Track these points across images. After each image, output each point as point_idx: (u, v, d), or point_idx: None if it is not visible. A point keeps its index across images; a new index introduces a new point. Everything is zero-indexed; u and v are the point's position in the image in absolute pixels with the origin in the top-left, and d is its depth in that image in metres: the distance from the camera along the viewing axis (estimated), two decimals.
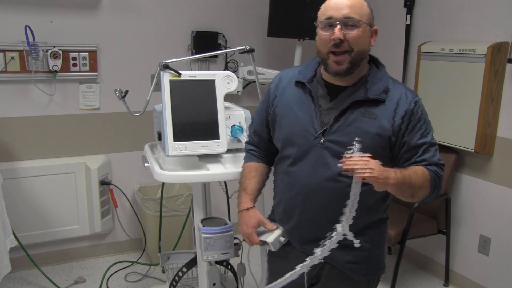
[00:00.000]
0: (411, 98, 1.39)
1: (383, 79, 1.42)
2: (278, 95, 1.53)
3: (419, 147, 1.38)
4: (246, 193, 1.60)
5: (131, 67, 3.03)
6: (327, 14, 1.36)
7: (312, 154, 1.40)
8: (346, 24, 1.33)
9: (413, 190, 1.32)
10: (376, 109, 1.37)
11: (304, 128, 1.42)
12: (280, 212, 1.55)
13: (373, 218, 1.48)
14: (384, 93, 1.39)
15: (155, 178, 1.82)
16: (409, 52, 3.04)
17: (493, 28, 2.53)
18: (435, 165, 1.39)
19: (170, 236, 2.92)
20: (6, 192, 2.54)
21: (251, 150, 1.68)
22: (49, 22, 2.78)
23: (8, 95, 2.76)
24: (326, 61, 1.38)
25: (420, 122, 1.38)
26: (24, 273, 2.89)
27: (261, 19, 3.24)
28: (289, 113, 1.47)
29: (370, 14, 1.39)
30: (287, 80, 1.53)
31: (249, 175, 1.62)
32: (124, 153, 3.12)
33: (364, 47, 1.38)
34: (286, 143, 1.48)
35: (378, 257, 1.53)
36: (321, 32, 1.38)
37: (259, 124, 1.63)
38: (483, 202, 2.70)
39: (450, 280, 2.93)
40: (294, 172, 1.45)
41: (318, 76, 1.48)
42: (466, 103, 2.59)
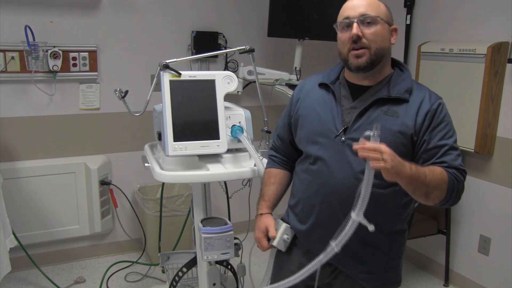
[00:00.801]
0: (435, 99, 1.38)
1: (407, 81, 1.42)
2: (301, 97, 1.55)
3: (439, 148, 1.35)
4: (263, 199, 1.62)
5: (131, 67, 3.03)
6: (344, 15, 1.39)
7: (333, 152, 1.40)
8: (364, 22, 1.35)
9: (427, 189, 1.27)
10: (399, 108, 1.36)
11: (326, 127, 1.43)
12: (298, 212, 1.53)
13: (392, 227, 1.44)
14: (407, 93, 1.38)
15: (155, 178, 1.82)
16: (409, 52, 3.04)
17: (493, 28, 2.53)
18: (456, 169, 1.34)
19: (170, 236, 2.92)
20: (6, 192, 2.54)
21: (272, 156, 1.69)
22: (49, 22, 2.78)
23: (8, 95, 2.76)
24: (347, 59, 1.39)
25: (442, 123, 1.36)
26: (24, 273, 2.89)
27: (261, 19, 3.24)
28: (312, 114, 1.48)
29: (387, 13, 1.40)
30: (311, 84, 1.55)
31: (268, 181, 1.64)
32: (124, 153, 3.12)
33: (383, 44, 1.37)
34: (308, 141, 1.48)
35: (395, 269, 1.50)
36: (340, 34, 1.41)
37: (282, 127, 1.65)
38: (483, 202, 2.70)
39: (450, 280, 2.93)
40: (315, 170, 1.45)
41: (341, 78, 1.49)
42: (466, 103, 2.59)
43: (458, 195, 1.35)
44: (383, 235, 1.42)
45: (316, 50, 3.34)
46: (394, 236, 1.46)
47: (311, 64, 3.19)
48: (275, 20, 3.02)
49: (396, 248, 1.48)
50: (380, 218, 1.38)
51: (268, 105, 2.98)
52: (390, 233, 1.44)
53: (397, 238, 1.47)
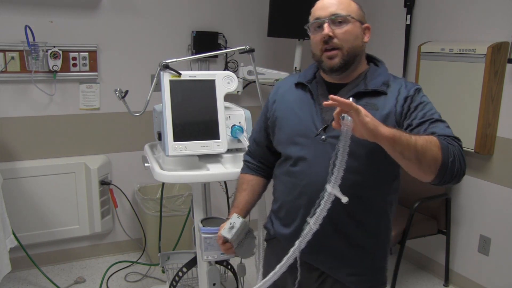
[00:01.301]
0: (411, 86, 1.35)
1: (383, 74, 1.40)
2: (277, 99, 1.51)
3: (424, 123, 1.26)
4: (233, 206, 1.60)
5: (131, 67, 3.03)
6: (315, 15, 1.37)
7: (315, 151, 1.36)
8: (335, 21, 1.33)
9: (416, 151, 1.13)
10: (378, 101, 1.33)
11: (306, 127, 1.39)
12: (282, 216, 1.49)
13: (377, 227, 1.41)
14: (385, 85, 1.36)
15: (155, 178, 1.82)
16: (409, 52, 3.04)
17: (493, 28, 2.53)
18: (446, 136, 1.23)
19: (170, 236, 2.92)
20: (6, 192, 2.54)
21: (247, 162, 1.65)
22: (49, 22, 2.78)
23: (8, 95, 2.76)
24: (321, 60, 1.37)
25: (422, 104, 1.31)
26: (24, 273, 2.89)
27: (261, 19, 3.24)
28: (290, 115, 1.45)
29: (359, 11, 1.38)
30: (287, 85, 1.52)
31: (240, 188, 1.61)
32: (124, 153, 3.12)
33: (355, 43, 1.35)
34: (287, 143, 1.44)
35: (382, 270, 1.47)
36: (312, 35, 1.39)
37: (258, 131, 1.60)
38: (483, 202, 2.70)
39: (450, 280, 2.93)
40: (297, 172, 1.40)
41: (318, 77, 1.47)
42: (466, 103, 2.59)
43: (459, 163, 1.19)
44: (369, 235, 1.39)
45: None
46: (379, 235, 1.43)
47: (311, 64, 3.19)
48: (275, 20, 3.02)
49: (382, 248, 1.46)
50: (365, 218, 1.36)
51: None
52: (375, 232, 1.41)
53: (383, 238, 1.45)
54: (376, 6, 3.28)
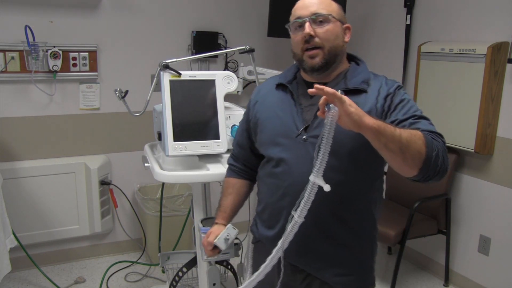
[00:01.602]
0: (392, 83, 1.35)
1: (364, 73, 1.39)
2: (259, 101, 1.51)
3: (406, 120, 1.26)
4: (219, 210, 1.60)
5: (131, 67, 3.03)
6: (296, 15, 1.36)
7: (296, 152, 1.35)
8: (316, 21, 1.33)
9: (401, 143, 1.12)
10: (358, 99, 1.30)
11: (287, 127, 1.38)
12: (266, 218, 1.48)
13: (362, 225, 1.40)
14: (365, 84, 1.35)
15: (155, 178, 1.82)
16: (409, 52, 3.04)
17: (493, 28, 2.53)
18: (430, 132, 1.23)
19: (170, 236, 2.92)
20: (6, 192, 2.54)
21: (231, 165, 1.65)
22: (49, 22, 2.78)
23: (8, 95, 2.76)
24: (301, 60, 1.37)
25: (403, 101, 1.30)
26: (24, 273, 2.89)
27: (261, 19, 3.24)
28: (271, 116, 1.44)
29: (340, 11, 1.38)
30: (268, 88, 1.51)
31: (226, 191, 1.61)
32: (124, 153, 3.12)
33: (336, 42, 1.35)
34: (269, 144, 1.43)
35: (369, 269, 1.46)
36: (293, 34, 1.38)
37: (241, 134, 1.60)
38: (483, 202, 2.70)
39: (450, 280, 2.93)
40: (279, 173, 1.39)
41: (298, 77, 1.46)
42: (466, 103, 2.59)
43: (442, 159, 1.19)
44: (353, 233, 1.38)
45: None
46: (364, 235, 1.42)
47: None
48: (275, 20, 3.02)
49: (369, 247, 1.45)
50: (349, 217, 1.36)
51: None
52: (360, 232, 1.40)
53: (369, 237, 1.44)
54: (376, 6, 3.28)
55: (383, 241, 2.71)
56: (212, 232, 1.55)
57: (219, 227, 1.56)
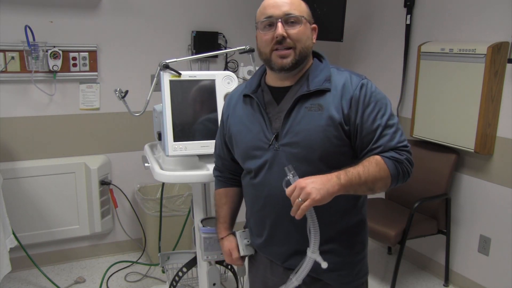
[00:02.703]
0: (357, 82, 1.32)
1: (325, 69, 1.37)
2: (230, 113, 1.51)
3: (373, 132, 1.30)
4: (219, 222, 1.62)
5: (131, 67, 3.03)
6: (267, 13, 1.35)
7: (271, 162, 1.36)
8: (288, 21, 1.32)
9: (367, 186, 1.25)
10: (323, 100, 1.31)
11: (257, 139, 1.39)
12: (252, 226, 1.53)
13: (349, 221, 1.41)
14: (327, 82, 1.33)
15: (155, 178, 1.82)
16: (409, 52, 3.04)
17: (493, 28, 2.53)
18: (393, 149, 1.30)
19: (170, 236, 2.92)
20: (6, 192, 2.54)
21: (218, 176, 1.65)
22: (49, 22, 2.78)
23: (8, 95, 2.76)
24: (269, 59, 1.35)
25: (370, 105, 1.30)
26: (24, 273, 2.89)
27: None
28: (242, 128, 1.44)
29: (309, 12, 1.37)
30: (236, 97, 1.51)
31: (220, 203, 1.62)
32: (124, 153, 3.12)
33: (307, 43, 1.35)
34: (245, 157, 1.45)
35: (361, 262, 1.47)
36: (262, 33, 1.37)
37: (220, 147, 1.60)
38: (483, 202, 2.70)
39: (450, 280, 2.93)
40: (257, 183, 1.42)
41: (262, 84, 1.45)
42: (466, 103, 2.59)
43: (406, 173, 1.31)
44: (341, 231, 1.40)
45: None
46: (353, 229, 1.43)
47: None
48: None
49: (358, 242, 1.45)
50: (334, 216, 1.36)
51: None
52: (348, 228, 1.41)
53: (358, 231, 1.45)
54: (376, 6, 3.28)
55: (383, 241, 2.71)
56: (230, 249, 1.57)
57: (230, 239, 1.58)
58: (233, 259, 1.58)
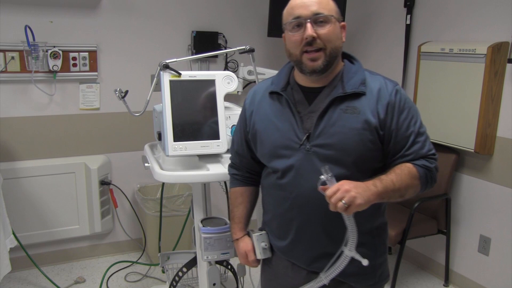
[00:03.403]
0: (391, 87, 1.32)
1: (359, 72, 1.35)
2: (254, 110, 1.46)
3: (407, 139, 1.31)
4: (234, 222, 1.59)
5: (131, 67, 3.03)
6: (294, 13, 1.32)
7: (301, 163, 1.33)
8: (316, 21, 1.28)
9: (400, 193, 1.28)
10: (358, 103, 1.30)
11: (287, 138, 1.35)
12: (274, 228, 1.49)
13: (373, 224, 1.41)
14: (363, 85, 1.32)
15: (155, 178, 1.82)
16: (409, 52, 3.04)
17: (493, 28, 2.53)
18: (424, 157, 1.33)
19: (170, 236, 2.92)
20: (6, 192, 2.54)
21: (234, 175, 1.62)
22: (49, 22, 2.78)
23: (8, 95, 2.76)
24: (300, 61, 1.33)
25: (405, 111, 1.31)
26: (24, 273, 2.89)
27: (261, 19, 3.24)
28: (269, 126, 1.40)
29: (337, 9, 1.34)
30: (261, 93, 1.47)
31: (235, 202, 1.59)
32: (124, 153, 3.12)
33: (337, 43, 1.32)
34: (271, 156, 1.40)
35: (383, 264, 1.47)
36: (291, 34, 1.34)
37: (239, 143, 1.55)
38: (483, 202, 2.70)
39: (450, 280, 2.93)
40: (285, 184, 1.38)
41: (292, 82, 1.42)
42: (466, 103, 2.59)
43: (433, 180, 1.36)
44: (366, 233, 1.38)
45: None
46: (376, 231, 1.43)
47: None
48: (275, 20, 3.01)
49: (381, 243, 1.45)
50: (359, 219, 1.33)
51: None
52: (371, 230, 1.41)
53: (380, 233, 1.45)
54: (376, 6, 3.27)
55: None
56: (246, 251, 1.55)
57: (245, 241, 1.56)
58: (249, 261, 1.55)
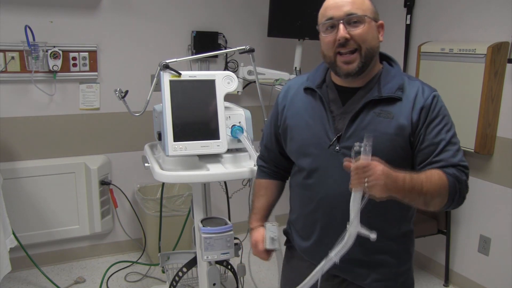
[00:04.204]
0: (429, 93, 1.27)
1: (397, 76, 1.31)
2: (287, 105, 1.44)
3: (436, 145, 1.24)
4: (253, 212, 1.58)
5: (131, 67, 3.03)
6: (327, 15, 1.27)
7: (329, 163, 1.30)
8: (350, 22, 1.24)
9: (425, 198, 1.19)
10: (393, 108, 1.26)
11: (318, 137, 1.33)
12: (299, 228, 1.47)
13: (398, 230, 1.37)
14: (400, 91, 1.27)
15: (155, 178, 1.82)
16: (409, 52, 3.04)
17: (493, 28, 2.53)
18: (455, 166, 1.24)
19: (170, 236, 2.92)
20: (6, 192, 2.54)
21: (261, 166, 1.60)
22: (49, 22, 2.78)
23: (8, 95, 2.76)
24: (334, 63, 1.29)
25: (437, 118, 1.25)
26: (24, 273, 2.89)
27: (261, 19, 3.24)
28: (300, 123, 1.38)
29: (373, 8, 1.30)
30: (295, 88, 1.44)
31: (258, 193, 1.58)
32: (124, 153, 3.12)
33: (373, 43, 1.27)
34: (299, 154, 1.38)
35: (407, 272, 1.42)
36: (324, 35, 1.29)
37: (269, 137, 1.54)
38: (483, 202, 2.70)
39: (450, 280, 2.93)
40: (311, 184, 1.36)
41: (328, 80, 1.38)
42: (466, 103, 2.59)
43: (462, 196, 1.25)
44: (390, 239, 1.35)
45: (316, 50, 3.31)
46: (401, 239, 1.39)
47: (311, 64, 3.16)
48: (275, 20, 3.02)
49: (405, 251, 1.41)
50: (384, 223, 1.32)
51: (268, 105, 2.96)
52: (396, 236, 1.37)
53: (405, 241, 1.41)
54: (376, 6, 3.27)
55: None
56: (256, 241, 1.53)
57: (259, 231, 1.54)
58: (258, 251, 1.54)
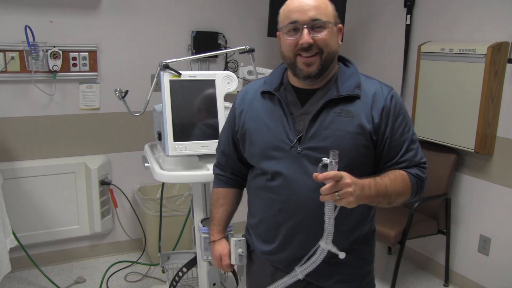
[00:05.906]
0: (387, 92, 1.31)
1: (354, 75, 1.33)
2: (245, 109, 1.42)
3: (401, 146, 1.30)
4: (213, 223, 1.56)
5: (131, 67, 3.03)
6: (292, 17, 1.27)
7: (291, 165, 1.30)
8: (313, 27, 1.25)
9: (390, 199, 1.26)
10: (352, 107, 1.28)
11: (278, 139, 1.32)
12: (261, 232, 1.44)
13: (361, 231, 1.39)
14: (358, 89, 1.29)
15: (155, 178, 1.82)
16: (409, 52, 3.04)
17: (493, 28, 2.53)
18: (417, 165, 1.33)
19: (170, 236, 2.92)
20: (6, 192, 2.54)
21: (218, 175, 1.57)
22: (49, 22, 2.78)
23: (8, 95, 2.76)
24: (294, 64, 1.30)
25: (400, 117, 1.30)
26: (24, 273, 2.89)
27: (261, 19, 3.24)
28: (260, 126, 1.36)
29: (335, 13, 1.31)
30: (253, 92, 1.43)
31: (217, 203, 1.55)
32: (124, 153, 3.12)
33: (334, 47, 1.29)
34: (261, 157, 1.36)
35: (370, 273, 1.45)
36: (286, 37, 1.30)
37: (226, 143, 1.51)
38: (483, 202, 2.70)
39: (450, 280, 2.93)
40: (274, 187, 1.34)
41: (285, 83, 1.39)
42: (466, 103, 2.59)
43: (422, 191, 1.37)
44: (355, 241, 1.37)
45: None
46: (364, 239, 1.41)
47: None
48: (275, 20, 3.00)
49: (369, 251, 1.44)
50: (351, 225, 1.34)
51: None
52: (360, 237, 1.39)
53: (368, 241, 1.43)
54: (376, 6, 3.28)
55: (383, 241, 2.71)
56: (221, 254, 1.53)
57: (222, 244, 1.54)
58: (222, 265, 1.54)
